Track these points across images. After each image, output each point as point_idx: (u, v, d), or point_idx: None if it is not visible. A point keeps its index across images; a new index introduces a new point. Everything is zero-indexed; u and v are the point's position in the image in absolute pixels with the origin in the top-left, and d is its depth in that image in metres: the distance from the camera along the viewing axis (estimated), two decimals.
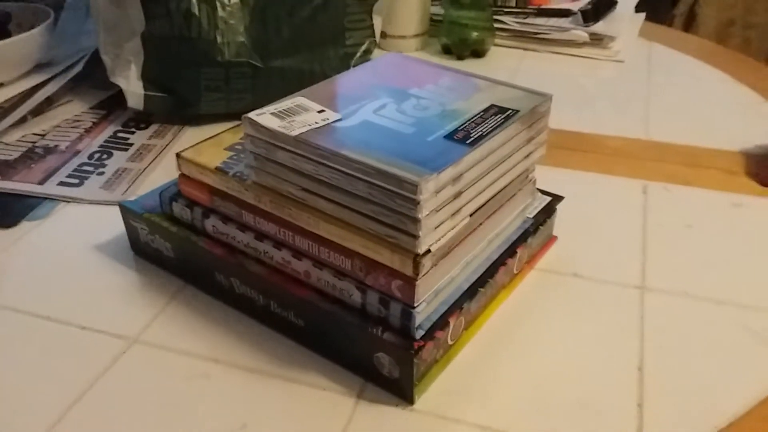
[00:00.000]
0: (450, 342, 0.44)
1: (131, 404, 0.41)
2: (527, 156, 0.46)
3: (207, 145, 0.48)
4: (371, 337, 0.40)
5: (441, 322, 0.41)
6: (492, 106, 0.43)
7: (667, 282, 0.51)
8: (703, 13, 1.25)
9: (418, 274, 0.38)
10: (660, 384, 0.43)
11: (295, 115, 0.42)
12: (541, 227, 0.51)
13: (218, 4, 0.67)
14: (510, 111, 0.43)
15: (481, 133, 0.40)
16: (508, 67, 0.87)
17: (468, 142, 0.39)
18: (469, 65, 0.88)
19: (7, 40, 0.75)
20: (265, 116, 0.41)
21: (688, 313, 0.48)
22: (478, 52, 0.90)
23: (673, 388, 0.42)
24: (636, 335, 0.46)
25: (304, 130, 0.40)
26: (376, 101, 0.44)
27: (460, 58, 0.89)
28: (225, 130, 0.50)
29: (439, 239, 0.39)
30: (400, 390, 0.41)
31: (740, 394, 0.42)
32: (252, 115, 0.41)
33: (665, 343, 0.46)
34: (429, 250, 0.38)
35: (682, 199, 0.61)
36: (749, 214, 0.59)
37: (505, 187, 0.44)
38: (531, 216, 0.51)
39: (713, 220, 0.58)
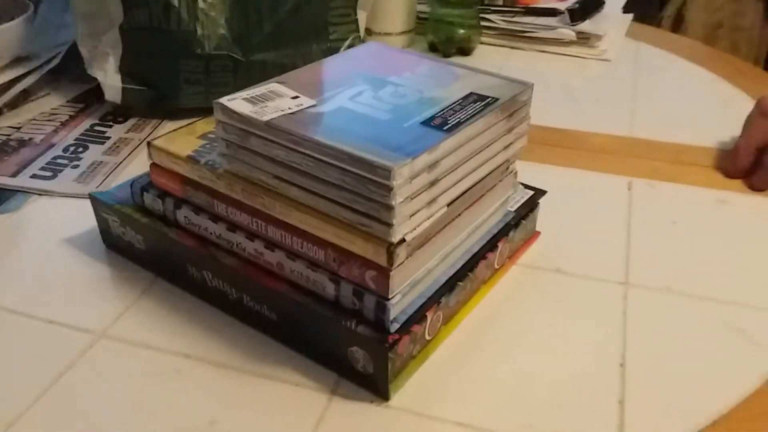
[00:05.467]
0: (427, 337, 0.42)
1: (97, 400, 0.40)
2: (507, 146, 0.44)
3: (180, 134, 0.47)
4: (345, 331, 0.39)
5: (417, 316, 0.40)
6: (471, 93, 0.42)
7: (650, 278, 0.50)
8: (691, 15, 1.25)
9: (392, 264, 0.37)
10: (642, 381, 0.41)
11: (268, 101, 0.40)
12: (523, 221, 0.50)
13: None
14: (489, 99, 0.42)
15: (459, 119, 0.39)
16: (494, 65, 0.86)
17: (445, 128, 0.38)
18: None
19: None
20: (236, 101, 0.40)
21: (671, 310, 0.47)
22: (464, 50, 0.89)
23: (655, 385, 0.41)
24: (618, 331, 0.45)
25: (276, 115, 0.39)
26: (352, 88, 0.43)
27: (446, 55, 0.88)
28: (199, 119, 0.49)
29: (415, 228, 0.38)
30: (375, 386, 0.40)
31: (724, 392, 0.41)
32: (223, 100, 0.40)
33: (648, 339, 0.45)
34: (404, 240, 0.37)
35: (667, 196, 0.60)
36: (734, 211, 0.58)
37: (485, 177, 0.43)
38: (513, 209, 0.50)
39: (698, 217, 0.57)
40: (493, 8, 0.94)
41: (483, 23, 0.91)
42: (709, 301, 0.48)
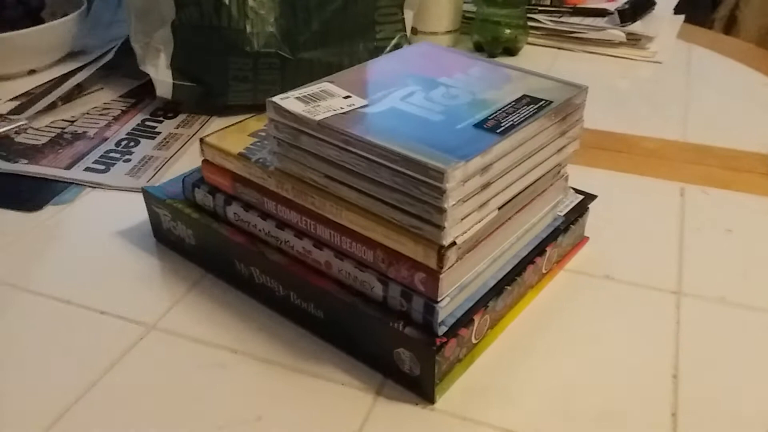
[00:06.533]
0: (474, 341, 0.42)
1: (146, 390, 0.40)
2: (560, 150, 0.44)
3: (231, 131, 0.47)
4: (392, 332, 0.39)
5: (465, 319, 0.40)
6: (524, 96, 0.42)
7: (704, 287, 0.48)
8: (744, 17, 1.21)
9: (442, 267, 0.37)
10: (696, 393, 0.40)
11: (320, 100, 0.40)
12: (572, 226, 0.49)
13: None
14: (543, 101, 0.41)
15: (512, 122, 0.39)
16: (541, 65, 0.85)
17: (498, 131, 0.38)
18: None
19: (40, 27, 0.76)
20: (289, 100, 0.40)
21: (726, 320, 0.46)
22: (510, 50, 0.88)
23: (709, 398, 0.40)
24: (671, 341, 0.44)
25: (328, 114, 0.39)
26: (404, 89, 0.42)
27: (492, 56, 0.88)
28: (250, 117, 0.49)
29: (466, 231, 0.38)
30: (421, 388, 0.40)
31: None
32: (276, 99, 0.40)
33: (702, 350, 0.43)
34: (454, 243, 0.37)
35: (721, 203, 0.58)
36: None
37: (536, 181, 0.43)
38: (562, 214, 0.49)
39: (754, 225, 0.55)
40: (540, 8, 0.93)
41: (530, 23, 0.89)
42: (765, 312, 0.46)
